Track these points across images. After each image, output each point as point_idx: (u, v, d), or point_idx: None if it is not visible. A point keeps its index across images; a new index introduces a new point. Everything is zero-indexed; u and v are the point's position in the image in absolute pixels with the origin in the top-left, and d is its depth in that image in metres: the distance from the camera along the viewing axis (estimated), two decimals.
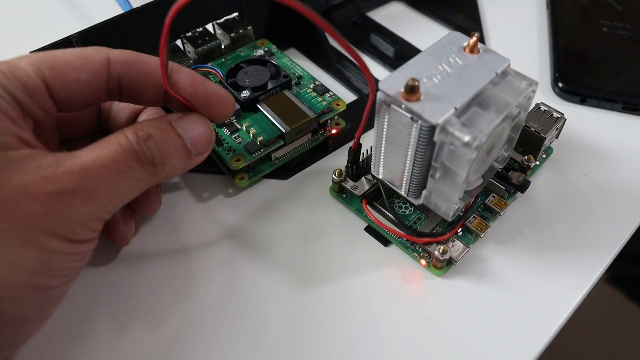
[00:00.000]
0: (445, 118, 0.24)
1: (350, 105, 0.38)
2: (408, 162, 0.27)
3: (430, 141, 0.25)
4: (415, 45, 0.44)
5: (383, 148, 0.28)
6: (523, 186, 0.32)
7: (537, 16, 0.48)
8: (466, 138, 0.24)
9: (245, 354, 0.27)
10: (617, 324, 0.89)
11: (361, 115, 0.27)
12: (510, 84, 0.27)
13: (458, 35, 0.28)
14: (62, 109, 0.26)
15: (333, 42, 0.44)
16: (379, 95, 0.26)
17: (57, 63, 0.24)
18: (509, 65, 0.27)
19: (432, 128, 0.24)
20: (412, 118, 0.25)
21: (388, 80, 0.26)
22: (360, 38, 0.45)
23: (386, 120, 0.26)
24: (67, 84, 0.25)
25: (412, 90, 0.24)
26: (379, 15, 0.47)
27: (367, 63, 0.42)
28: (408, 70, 0.26)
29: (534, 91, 0.27)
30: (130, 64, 0.26)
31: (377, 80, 0.26)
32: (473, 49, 0.27)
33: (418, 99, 0.25)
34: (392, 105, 0.25)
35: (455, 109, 0.24)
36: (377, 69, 0.43)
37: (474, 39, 0.27)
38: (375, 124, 0.27)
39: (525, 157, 0.33)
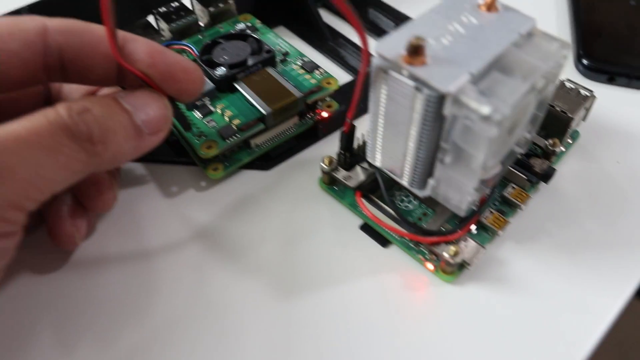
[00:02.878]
0: (459, 85, 0.19)
1: (346, 86, 0.34)
2: (411, 144, 0.22)
3: (439, 116, 0.20)
4: None
5: (380, 128, 0.23)
6: (547, 175, 0.28)
7: None
8: (486, 110, 0.19)
9: None
10: None
11: None
12: (537, 46, 0.22)
13: None
14: None
15: (327, 18, 0.39)
16: (375, 60, 0.21)
17: None
18: (534, 25, 0.23)
19: (442, 98, 0.20)
20: (416, 87, 0.20)
21: (386, 41, 0.21)
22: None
23: (383, 91, 0.21)
24: None
25: (416, 51, 0.19)
26: None
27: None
28: (411, 30, 0.21)
29: (565, 56, 0.22)
30: (73, 33, 0.22)
31: None
32: (491, 7, 0.23)
33: (423, 63, 0.20)
34: (391, 72, 0.20)
35: (471, 74, 0.20)
36: None
37: None
38: (371, 99, 0.22)
39: (550, 141, 0.28)
